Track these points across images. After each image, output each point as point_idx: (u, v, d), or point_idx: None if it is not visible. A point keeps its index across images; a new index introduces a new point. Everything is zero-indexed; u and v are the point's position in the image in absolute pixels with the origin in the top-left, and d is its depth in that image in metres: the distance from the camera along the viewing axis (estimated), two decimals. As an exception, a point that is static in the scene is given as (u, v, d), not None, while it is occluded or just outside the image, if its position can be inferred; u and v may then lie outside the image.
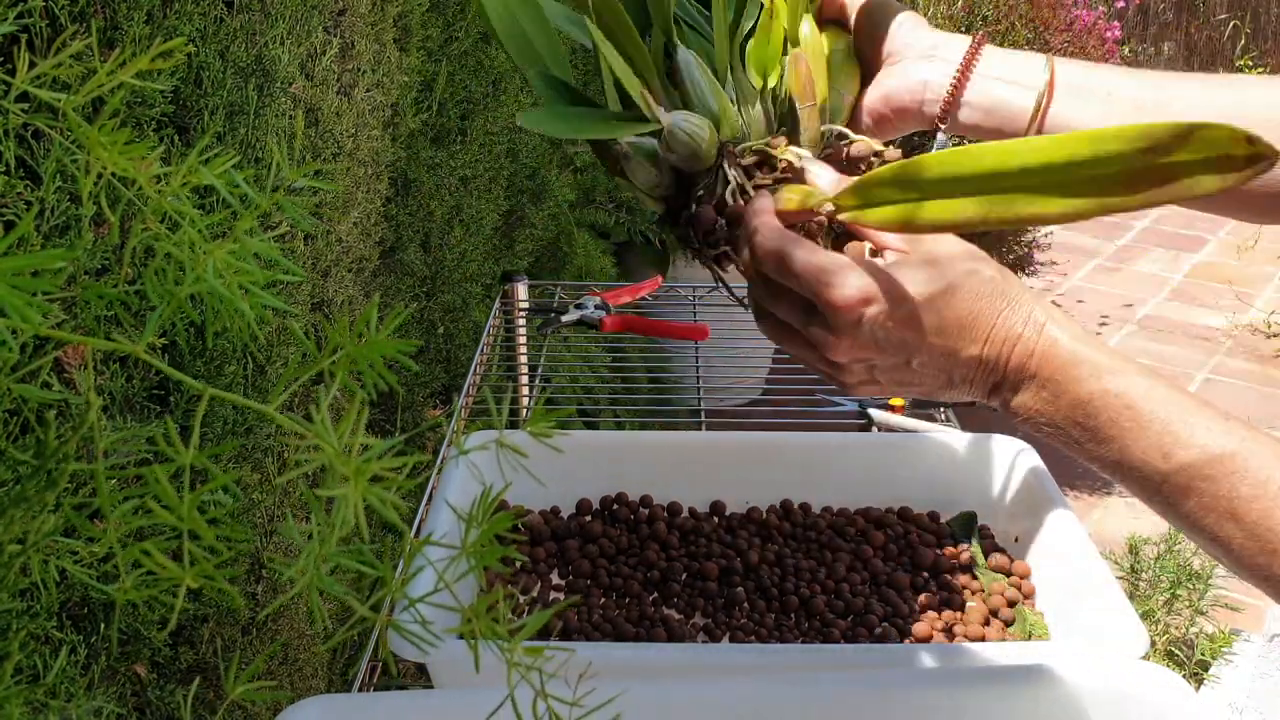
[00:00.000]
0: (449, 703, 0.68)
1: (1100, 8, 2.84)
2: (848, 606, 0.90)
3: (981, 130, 0.69)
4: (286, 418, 0.33)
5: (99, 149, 0.38)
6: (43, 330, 0.31)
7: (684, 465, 1.03)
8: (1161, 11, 6.45)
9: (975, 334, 0.58)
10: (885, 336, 0.58)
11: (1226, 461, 0.53)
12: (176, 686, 0.96)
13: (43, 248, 0.73)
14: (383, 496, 0.32)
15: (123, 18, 0.82)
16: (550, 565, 0.96)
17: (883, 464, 1.03)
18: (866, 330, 0.58)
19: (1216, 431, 0.54)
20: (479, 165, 1.82)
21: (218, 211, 0.39)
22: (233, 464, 1.04)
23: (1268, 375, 3.38)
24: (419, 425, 1.66)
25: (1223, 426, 0.54)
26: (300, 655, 1.22)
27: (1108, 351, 0.58)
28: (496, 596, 0.37)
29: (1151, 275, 4.13)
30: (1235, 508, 0.52)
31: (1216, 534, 0.53)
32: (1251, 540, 0.52)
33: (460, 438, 1.17)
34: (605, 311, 1.38)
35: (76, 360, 0.77)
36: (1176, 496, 0.54)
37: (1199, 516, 0.54)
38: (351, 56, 1.27)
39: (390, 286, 1.57)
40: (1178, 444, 0.54)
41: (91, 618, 0.84)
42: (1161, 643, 2.00)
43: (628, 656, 0.78)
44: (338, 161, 1.24)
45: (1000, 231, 2.86)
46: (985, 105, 0.68)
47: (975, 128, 0.69)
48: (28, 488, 0.38)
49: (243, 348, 1.01)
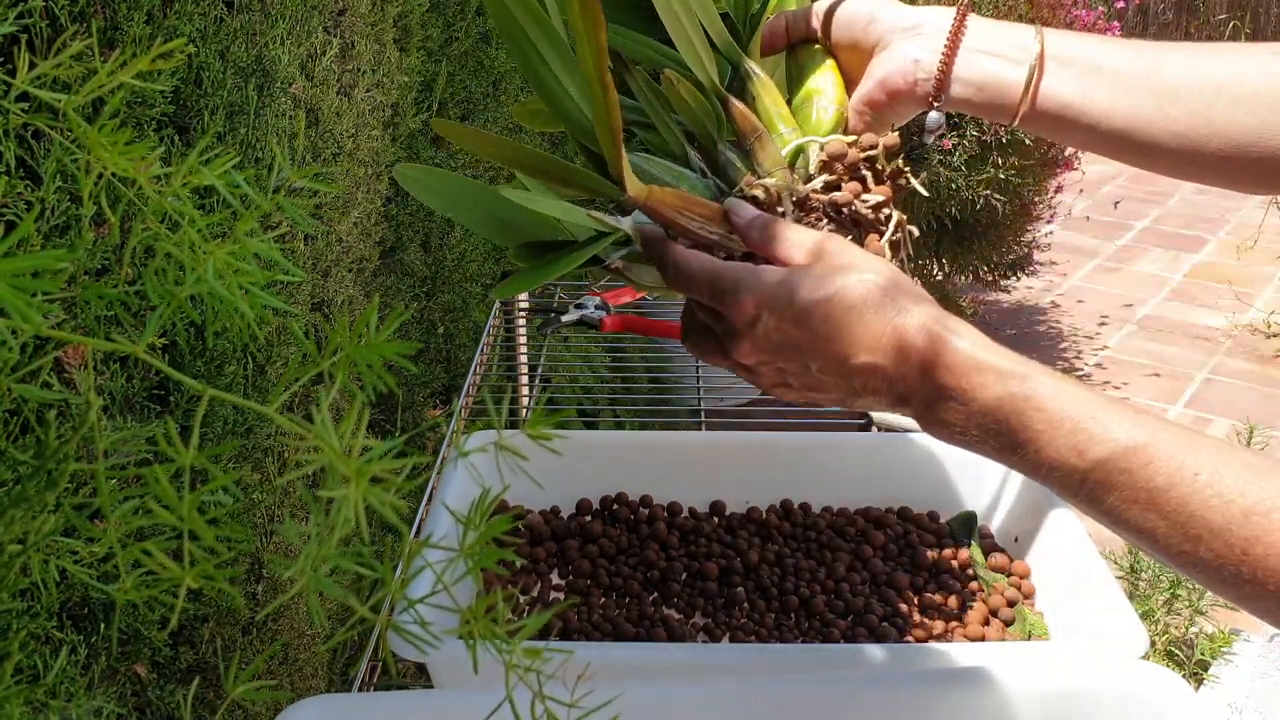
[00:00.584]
0: (449, 703, 0.68)
1: (1100, 8, 2.84)
2: (848, 606, 0.90)
3: (974, 106, 0.68)
4: (286, 419, 0.33)
5: (99, 149, 0.38)
6: (43, 330, 0.31)
7: (684, 465, 1.03)
8: (1161, 11, 6.45)
9: (866, 341, 0.58)
10: (781, 340, 0.59)
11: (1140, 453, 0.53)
12: (176, 686, 0.96)
13: (43, 248, 0.73)
14: (382, 498, 0.32)
15: (123, 18, 0.82)
16: (550, 565, 0.96)
17: (883, 464, 1.03)
18: (761, 333, 0.60)
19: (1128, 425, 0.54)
20: (479, 165, 1.82)
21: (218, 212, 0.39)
22: (233, 464, 1.04)
23: (1268, 375, 3.38)
24: (419, 425, 1.66)
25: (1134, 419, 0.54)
26: (300, 655, 1.22)
27: (1011, 357, 0.57)
28: (495, 598, 0.37)
29: (1151, 275, 4.13)
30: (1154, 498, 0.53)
31: (1141, 526, 0.53)
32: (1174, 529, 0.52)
33: (460, 438, 1.17)
34: (605, 311, 1.38)
35: (76, 360, 0.77)
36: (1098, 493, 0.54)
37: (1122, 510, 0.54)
38: (351, 56, 1.27)
39: (390, 286, 1.57)
40: (1091, 440, 0.54)
41: (91, 618, 0.84)
42: (1161, 643, 2.00)
43: (628, 656, 0.78)
44: (338, 162, 1.24)
45: (1000, 231, 2.86)
46: (976, 81, 0.67)
47: (968, 103, 0.68)
48: (28, 488, 0.38)
49: (243, 348, 1.01)
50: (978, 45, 0.67)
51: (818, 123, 0.71)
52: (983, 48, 0.67)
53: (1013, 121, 0.68)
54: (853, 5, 0.70)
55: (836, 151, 0.69)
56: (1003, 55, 0.67)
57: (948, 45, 0.67)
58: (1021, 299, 3.93)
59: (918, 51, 0.68)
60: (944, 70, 0.67)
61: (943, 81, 0.67)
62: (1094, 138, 0.67)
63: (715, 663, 0.77)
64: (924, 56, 0.68)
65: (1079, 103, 0.66)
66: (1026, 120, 0.67)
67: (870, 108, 0.71)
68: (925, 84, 0.68)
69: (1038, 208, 2.87)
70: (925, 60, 0.68)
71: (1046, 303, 3.93)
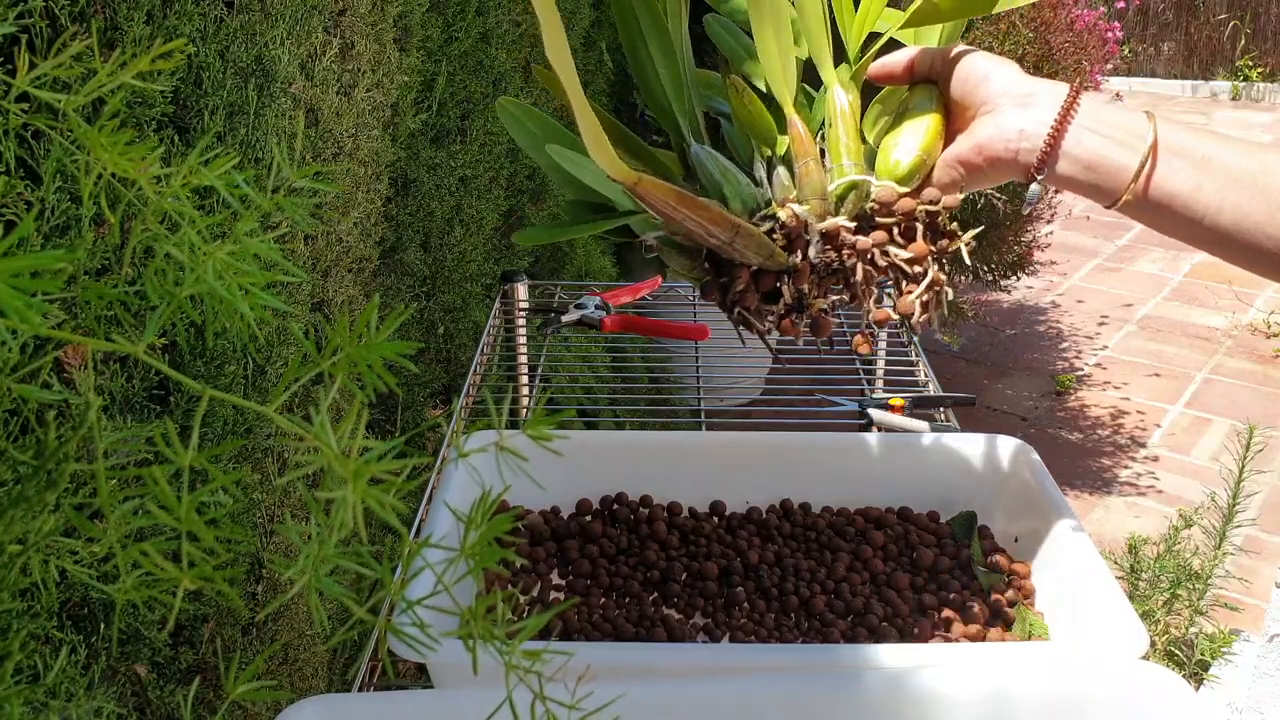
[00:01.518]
0: (449, 703, 0.68)
1: (1100, 7, 2.84)
2: (848, 606, 0.90)
3: (1077, 184, 0.68)
4: (286, 419, 0.33)
5: (99, 149, 0.38)
6: (43, 330, 0.31)
7: (684, 465, 1.03)
8: (1161, 11, 6.44)
9: None
10: None
11: None
12: (176, 686, 0.96)
13: (43, 248, 0.73)
14: (381, 499, 0.32)
15: (123, 18, 0.82)
16: (550, 565, 0.96)
17: (883, 464, 1.03)
18: None
19: None
20: (479, 165, 1.82)
21: (218, 212, 0.39)
22: (233, 464, 1.04)
23: (1267, 375, 3.38)
24: (419, 425, 1.66)
25: None
26: (300, 655, 1.22)
27: None
28: (495, 599, 0.37)
29: (1151, 275, 4.12)
30: None
31: None
32: None
33: (460, 438, 1.17)
34: (605, 311, 1.38)
35: (76, 360, 0.77)
36: None
37: None
38: (351, 56, 1.27)
39: (390, 286, 1.57)
40: None
41: (91, 618, 0.84)
42: (1161, 643, 2.00)
43: (628, 656, 0.78)
44: (338, 161, 1.24)
45: (1000, 231, 2.86)
46: (1084, 159, 0.67)
47: (1071, 181, 0.68)
48: (28, 488, 0.38)
49: (242, 348, 1.01)
50: (1087, 123, 0.67)
51: (893, 165, 0.71)
52: (1092, 126, 0.67)
53: (1112, 205, 0.67)
54: (974, 60, 0.70)
55: (884, 198, 0.69)
56: (1112, 137, 0.66)
57: (1058, 120, 0.67)
58: (1021, 299, 3.93)
59: (1024, 122, 0.68)
60: (1051, 145, 0.67)
61: (1049, 156, 0.67)
62: (1196, 231, 0.67)
63: (715, 663, 0.77)
64: (1030, 128, 0.67)
65: (1187, 195, 0.65)
66: (1129, 206, 0.67)
67: (962, 166, 0.70)
68: (1029, 155, 0.68)
69: (1038, 207, 2.87)
70: (1031, 131, 0.67)
71: (1046, 303, 3.93)
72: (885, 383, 1.41)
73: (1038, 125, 0.67)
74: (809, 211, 0.70)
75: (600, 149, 0.62)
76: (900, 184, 0.71)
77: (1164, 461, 2.95)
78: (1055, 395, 3.30)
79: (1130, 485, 2.84)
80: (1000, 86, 0.69)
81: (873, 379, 1.41)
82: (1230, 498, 1.98)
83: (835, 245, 0.70)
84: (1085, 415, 3.18)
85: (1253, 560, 2.50)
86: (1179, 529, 2.01)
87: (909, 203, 0.70)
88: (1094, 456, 2.96)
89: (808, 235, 0.69)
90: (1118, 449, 3.00)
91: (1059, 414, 3.19)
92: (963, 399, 1.25)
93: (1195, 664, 2.01)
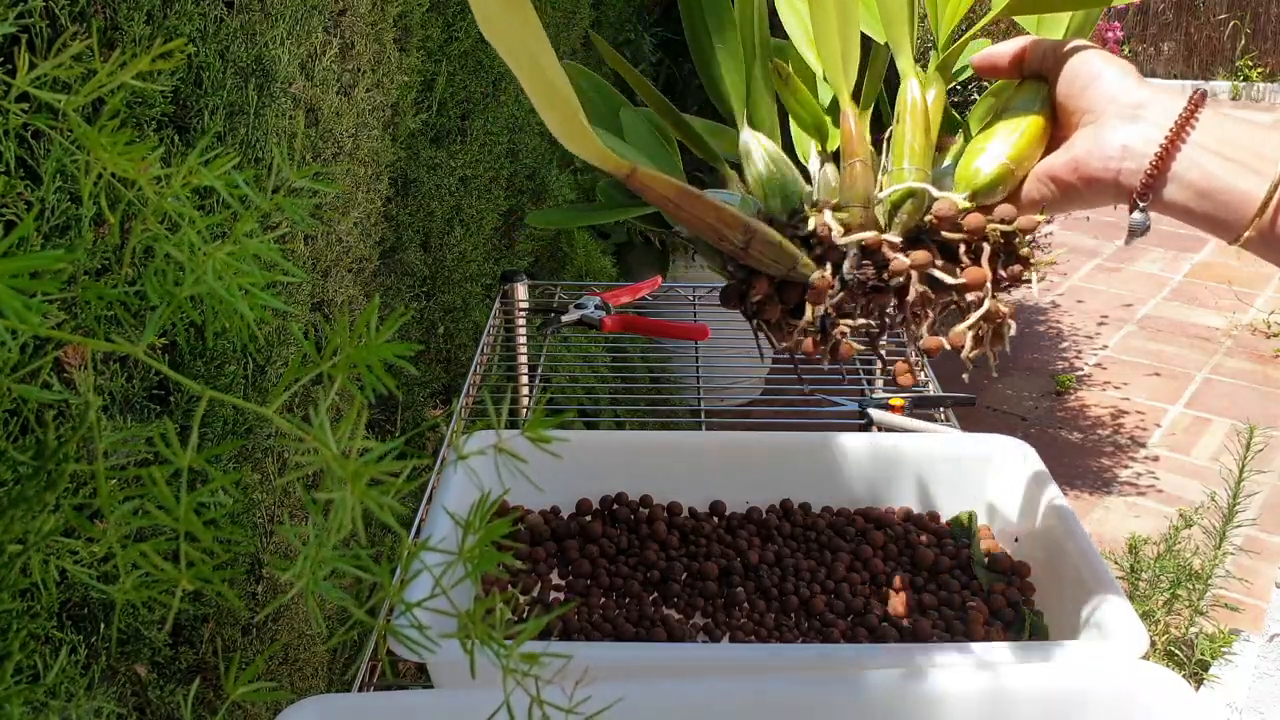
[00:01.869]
0: (449, 703, 0.68)
1: (1100, 7, 2.83)
2: (848, 606, 0.90)
3: (1191, 214, 0.58)
4: (285, 420, 0.33)
5: (99, 149, 0.38)
6: (43, 330, 0.31)
7: (684, 465, 1.03)
8: (1161, 11, 6.44)
9: None
10: None
11: None
12: (176, 686, 0.96)
13: (43, 248, 0.73)
14: (380, 500, 0.32)
15: (123, 18, 0.82)
16: (550, 565, 0.96)
17: (883, 464, 1.03)
18: None
19: None
20: (479, 165, 1.82)
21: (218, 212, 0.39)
22: (232, 464, 1.04)
23: (1267, 375, 3.38)
24: (419, 425, 1.66)
25: None
26: (300, 655, 1.22)
27: None
28: (494, 601, 0.37)
29: (1151, 275, 4.13)
30: None
31: None
32: None
33: (459, 439, 1.17)
34: (605, 311, 1.38)
35: (76, 360, 0.77)
36: None
37: None
38: (351, 56, 1.27)
39: (390, 286, 1.57)
40: None
41: (91, 618, 0.84)
42: (1161, 643, 2.00)
43: (628, 656, 0.78)
44: (338, 161, 1.24)
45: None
46: (1199, 185, 0.56)
47: (1184, 210, 0.58)
48: (28, 488, 0.38)
49: (242, 348, 1.01)
50: (1205, 142, 0.57)
51: (973, 172, 0.61)
52: (1212, 146, 0.57)
53: (1234, 240, 0.57)
54: (1086, 57, 0.61)
55: (944, 212, 0.60)
56: (1235, 159, 0.56)
57: (1169, 136, 0.57)
58: (1021, 299, 3.93)
59: (1129, 137, 0.58)
60: (1158, 167, 0.57)
61: (1155, 179, 0.57)
62: None
63: (715, 663, 0.77)
64: (1136, 145, 0.57)
65: None
66: (1251, 243, 0.57)
67: (1054, 183, 0.61)
68: (1131, 177, 0.58)
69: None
70: (1136, 149, 0.57)
71: (1046, 303, 3.93)
72: (885, 383, 1.41)
73: (1145, 142, 0.57)
74: (850, 219, 0.61)
75: (575, 133, 0.54)
76: (978, 195, 0.61)
77: (1164, 461, 2.95)
78: (1055, 395, 3.30)
79: (1130, 485, 2.84)
80: (1109, 91, 0.59)
81: (872, 379, 1.41)
82: (1230, 498, 1.98)
83: (875, 261, 0.61)
84: (1085, 415, 3.18)
85: (1253, 560, 2.50)
86: (1179, 529, 2.01)
87: (977, 219, 0.60)
88: (1094, 456, 2.97)
89: (842, 247, 0.61)
90: (1118, 449, 3.01)
91: (1059, 414, 3.19)
92: (963, 399, 1.25)
93: (1195, 664, 2.01)
